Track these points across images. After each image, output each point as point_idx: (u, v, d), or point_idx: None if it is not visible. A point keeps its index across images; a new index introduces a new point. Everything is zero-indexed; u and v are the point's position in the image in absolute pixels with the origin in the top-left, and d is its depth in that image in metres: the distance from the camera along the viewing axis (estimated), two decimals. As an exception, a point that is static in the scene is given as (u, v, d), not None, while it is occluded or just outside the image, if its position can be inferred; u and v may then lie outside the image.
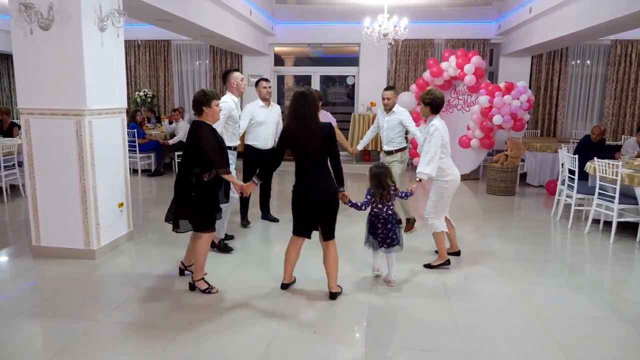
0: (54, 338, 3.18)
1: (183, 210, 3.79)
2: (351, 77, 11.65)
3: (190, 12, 6.73)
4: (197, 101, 3.78)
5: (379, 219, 3.97)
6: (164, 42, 11.55)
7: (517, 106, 8.04)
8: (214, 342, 3.12)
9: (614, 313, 3.60)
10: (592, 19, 6.64)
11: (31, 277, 4.18)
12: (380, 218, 3.95)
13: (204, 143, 3.67)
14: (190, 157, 3.75)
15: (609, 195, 5.41)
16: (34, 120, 4.44)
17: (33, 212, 4.58)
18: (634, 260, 4.86)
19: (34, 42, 4.26)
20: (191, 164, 3.72)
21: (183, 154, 3.93)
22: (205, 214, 3.79)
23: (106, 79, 4.63)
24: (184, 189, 3.76)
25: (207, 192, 3.76)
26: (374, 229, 4.02)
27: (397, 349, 3.14)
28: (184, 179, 3.76)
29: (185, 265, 4.22)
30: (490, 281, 4.20)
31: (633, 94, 10.28)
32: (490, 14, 10.42)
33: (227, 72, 4.85)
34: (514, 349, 3.09)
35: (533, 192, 8.23)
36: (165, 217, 4.00)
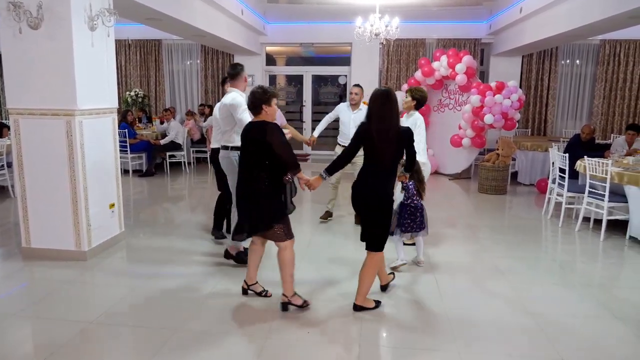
0: (45, 340, 3.15)
1: (258, 221, 3.43)
2: (343, 77, 11.66)
3: (181, 11, 6.70)
4: (257, 99, 3.42)
5: (412, 208, 4.07)
6: (154, 42, 11.49)
7: (508, 105, 8.09)
8: (207, 343, 3.10)
9: (605, 310, 3.64)
10: (581, 19, 6.70)
11: (21, 279, 4.14)
12: (415, 208, 4.09)
13: (280, 145, 3.31)
14: (258, 161, 3.36)
15: (599, 193, 5.46)
16: (24, 120, 4.39)
17: (23, 213, 4.53)
18: (624, 258, 4.91)
19: (23, 42, 4.22)
20: (258, 169, 3.36)
21: (246, 160, 3.45)
22: (283, 221, 3.47)
23: (97, 79, 4.59)
24: (256, 197, 3.39)
25: (277, 198, 3.44)
26: (403, 218, 4.11)
27: (391, 348, 3.14)
28: (251, 187, 3.40)
29: (249, 284, 3.76)
30: (482, 280, 4.21)
31: (622, 93, 10.39)
32: (481, 14, 10.48)
33: (238, 66, 4.47)
34: (506, 347, 3.11)
35: (524, 190, 8.29)
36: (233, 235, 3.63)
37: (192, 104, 11.79)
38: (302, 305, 3.55)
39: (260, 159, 3.36)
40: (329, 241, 5.24)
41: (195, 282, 4.08)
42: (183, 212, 6.69)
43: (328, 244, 5.15)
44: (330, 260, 4.60)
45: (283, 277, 3.52)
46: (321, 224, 5.90)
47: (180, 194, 8.10)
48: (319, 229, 5.73)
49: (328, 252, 4.84)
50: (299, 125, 11.77)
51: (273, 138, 3.30)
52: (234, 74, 4.41)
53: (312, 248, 5.00)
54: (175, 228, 5.71)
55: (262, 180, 3.35)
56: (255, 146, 3.36)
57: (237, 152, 3.98)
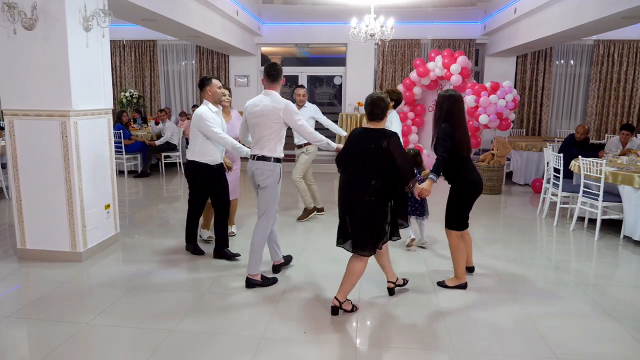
0: (40, 342, 3.14)
1: (367, 231, 3.35)
2: (338, 77, 11.67)
3: (176, 12, 6.69)
4: (383, 108, 3.35)
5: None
6: (149, 42, 11.47)
7: (503, 106, 8.12)
8: (204, 344, 3.10)
9: (600, 309, 3.66)
10: (575, 19, 6.74)
11: (16, 281, 4.12)
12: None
13: (402, 154, 3.31)
14: (376, 170, 3.28)
15: (593, 193, 5.50)
16: (18, 121, 4.38)
17: (18, 214, 4.51)
18: (618, 257, 4.94)
19: (18, 42, 4.20)
20: (374, 178, 3.27)
21: (362, 168, 3.31)
22: (382, 233, 3.40)
23: (92, 80, 4.58)
24: (370, 207, 3.30)
25: (390, 208, 3.41)
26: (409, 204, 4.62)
27: (387, 348, 3.15)
28: (366, 195, 3.28)
29: (341, 301, 3.51)
30: (476, 279, 4.23)
31: (616, 94, 10.46)
32: (476, 15, 10.52)
33: (279, 67, 3.93)
34: (502, 346, 3.12)
35: (519, 190, 8.32)
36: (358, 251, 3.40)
37: (187, 105, 11.76)
38: (352, 310, 3.53)
39: (381, 166, 3.27)
40: (327, 241, 5.23)
41: (190, 283, 4.08)
42: (178, 213, 6.67)
43: (326, 243, 5.14)
44: (330, 260, 4.60)
45: (346, 283, 3.46)
46: (319, 224, 5.90)
47: (175, 194, 8.08)
48: (317, 228, 5.73)
49: (327, 252, 4.85)
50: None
51: (396, 147, 3.27)
52: (276, 74, 3.89)
53: (311, 247, 5.00)
54: (171, 229, 5.69)
55: (379, 189, 3.27)
56: (371, 154, 3.27)
57: (280, 163, 3.88)
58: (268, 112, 3.78)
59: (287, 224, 5.88)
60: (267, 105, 3.79)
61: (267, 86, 3.90)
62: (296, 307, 3.63)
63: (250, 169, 3.89)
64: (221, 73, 11.46)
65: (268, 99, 3.82)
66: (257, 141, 3.86)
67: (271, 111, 3.77)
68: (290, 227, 5.75)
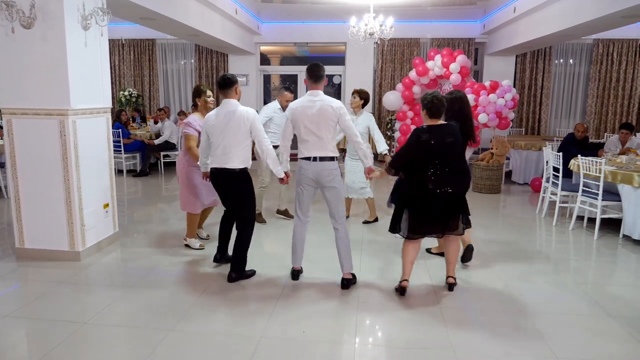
0: (38, 341, 3.13)
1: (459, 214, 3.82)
2: (337, 76, 11.66)
3: (175, 11, 6.68)
4: (442, 107, 3.66)
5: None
6: (148, 41, 11.46)
7: (502, 105, 8.11)
8: (203, 343, 3.10)
9: (599, 308, 3.66)
10: (574, 18, 6.73)
11: (15, 280, 4.12)
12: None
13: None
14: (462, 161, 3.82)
15: (592, 192, 5.49)
16: (17, 120, 4.37)
17: (16, 213, 4.51)
18: (617, 256, 4.94)
19: (16, 41, 4.19)
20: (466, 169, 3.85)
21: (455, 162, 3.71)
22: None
23: (90, 78, 4.57)
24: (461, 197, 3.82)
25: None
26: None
27: (386, 346, 3.14)
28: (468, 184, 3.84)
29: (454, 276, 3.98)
30: (476, 277, 4.23)
31: (615, 93, 10.46)
32: (475, 14, 10.51)
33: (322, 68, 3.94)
34: (501, 345, 3.12)
35: (518, 189, 8.32)
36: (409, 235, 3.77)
37: (186, 104, 11.75)
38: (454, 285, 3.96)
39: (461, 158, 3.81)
40: (326, 241, 5.23)
41: (189, 282, 4.07)
42: (177, 212, 6.66)
43: (325, 243, 5.14)
44: (328, 259, 4.60)
45: (453, 259, 3.97)
46: (318, 224, 5.89)
47: (174, 194, 8.06)
48: (314, 229, 5.72)
49: (325, 252, 4.84)
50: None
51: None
52: (322, 75, 3.92)
53: (309, 247, 4.98)
54: (170, 228, 5.69)
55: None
56: (451, 148, 3.63)
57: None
58: (325, 112, 3.77)
59: (287, 223, 5.88)
60: (325, 106, 3.78)
61: (313, 87, 3.88)
62: (295, 307, 3.62)
63: (315, 171, 3.84)
64: (220, 72, 11.45)
65: (320, 100, 3.82)
66: (315, 142, 3.83)
67: (329, 111, 3.78)
68: (288, 227, 5.74)
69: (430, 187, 3.61)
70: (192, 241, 4.89)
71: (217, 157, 3.95)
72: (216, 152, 3.95)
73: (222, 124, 3.90)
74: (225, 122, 3.89)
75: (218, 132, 3.91)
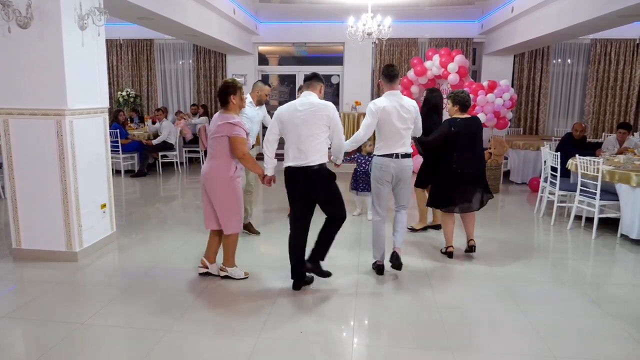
0: (35, 342, 3.12)
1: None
2: (336, 76, 11.65)
3: (173, 11, 6.67)
4: (470, 102, 4.61)
5: (364, 174, 5.80)
6: (146, 41, 11.44)
7: (500, 104, 8.13)
8: (200, 344, 3.09)
9: (597, 307, 3.66)
10: (572, 18, 6.73)
11: (12, 281, 4.10)
12: (366, 173, 5.76)
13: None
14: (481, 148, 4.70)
15: (590, 191, 5.50)
16: (13, 120, 4.35)
17: (13, 214, 4.49)
18: (615, 256, 4.94)
19: (13, 41, 4.18)
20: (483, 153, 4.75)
21: (478, 147, 4.57)
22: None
23: (87, 78, 4.56)
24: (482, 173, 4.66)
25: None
26: (359, 181, 5.89)
27: (385, 346, 3.14)
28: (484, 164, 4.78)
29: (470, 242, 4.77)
30: (474, 277, 4.23)
31: (613, 92, 10.47)
32: (473, 14, 10.51)
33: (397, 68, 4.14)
34: (499, 345, 3.12)
35: (516, 189, 8.33)
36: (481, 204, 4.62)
37: (185, 104, 11.74)
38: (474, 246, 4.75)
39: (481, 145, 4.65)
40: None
41: (186, 283, 4.06)
42: (175, 213, 6.66)
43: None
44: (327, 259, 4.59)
45: (471, 227, 4.77)
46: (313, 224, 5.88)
47: (172, 194, 8.06)
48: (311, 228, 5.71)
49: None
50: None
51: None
52: (397, 74, 4.09)
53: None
54: (168, 229, 5.68)
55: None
56: (474, 137, 4.50)
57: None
58: (409, 111, 4.04)
59: (284, 223, 5.87)
60: (408, 105, 4.06)
61: (389, 87, 4.06)
62: (293, 307, 3.62)
63: (398, 167, 4.03)
64: (218, 72, 11.45)
65: (401, 99, 4.04)
66: (398, 140, 4.01)
67: (412, 110, 4.07)
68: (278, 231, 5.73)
69: (454, 167, 4.43)
70: (235, 271, 4.07)
71: (296, 154, 3.68)
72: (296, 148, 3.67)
73: (302, 117, 3.65)
74: (310, 114, 3.65)
75: (295, 127, 3.65)
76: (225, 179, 3.84)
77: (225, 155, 3.82)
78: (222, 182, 3.84)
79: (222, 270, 4.07)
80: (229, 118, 3.80)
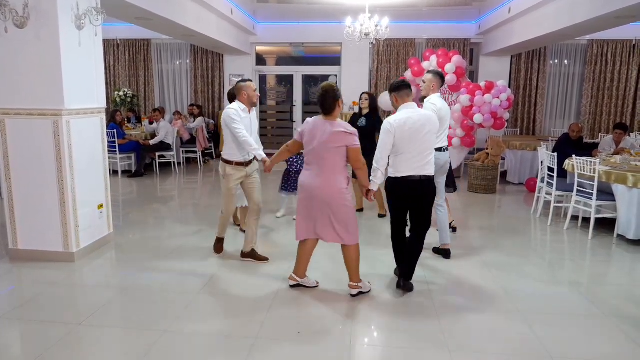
0: (32, 343, 3.11)
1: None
2: (333, 77, 11.66)
3: (171, 11, 6.66)
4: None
5: (295, 174, 5.68)
6: (143, 41, 11.42)
7: (497, 105, 8.13)
8: (197, 344, 3.09)
9: (594, 308, 3.67)
10: (569, 19, 6.76)
11: (9, 282, 4.09)
12: (297, 173, 5.53)
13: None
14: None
15: (587, 192, 5.51)
16: (10, 120, 4.34)
17: (10, 214, 4.48)
18: (612, 256, 4.96)
19: (9, 41, 4.16)
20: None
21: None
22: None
23: (84, 78, 4.55)
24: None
25: None
26: (290, 181, 5.86)
27: (382, 347, 3.14)
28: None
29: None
30: (471, 278, 4.23)
31: (609, 93, 10.50)
32: (470, 14, 10.53)
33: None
34: (496, 345, 3.12)
35: (513, 189, 8.34)
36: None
37: (182, 104, 11.73)
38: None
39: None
40: (319, 242, 5.22)
41: (184, 283, 4.06)
42: (173, 213, 6.65)
43: (318, 244, 5.13)
44: (324, 259, 4.60)
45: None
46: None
47: (170, 194, 8.05)
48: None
49: (321, 251, 4.84)
50: (289, 125, 11.77)
51: None
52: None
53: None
54: (165, 229, 5.67)
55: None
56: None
57: None
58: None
59: (284, 223, 5.88)
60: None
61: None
62: (290, 307, 3.62)
63: (443, 160, 4.60)
64: (216, 72, 11.44)
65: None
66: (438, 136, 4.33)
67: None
68: (286, 227, 5.74)
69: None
70: (365, 285, 3.88)
71: (411, 164, 3.73)
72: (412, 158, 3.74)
73: (416, 127, 3.70)
74: (421, 125, 3.71)
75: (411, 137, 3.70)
76: (345, 191, 3.65)
77: (342, 166, 3.62)
78: (341, 194, 3.62)
79: (354, 287, 3.80)
80: (341, 126, 3.56)
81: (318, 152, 3.57)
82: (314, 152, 3.60)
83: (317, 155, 3.59)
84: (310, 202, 3.67)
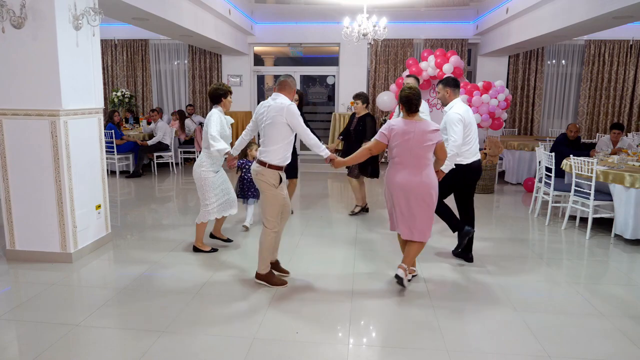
0: (30, 344, 3.10)
1: None
2: (331, 77, 11.66)
3: (168, 11, 6.65)
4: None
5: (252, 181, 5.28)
6: (141, 42, 11.41)
7: (495, 105, 8.16)
8: (195, 345, 3.08)
9: (591, 307, 3.68)
10: (566, 19, 6.77)
11: (6, 282, 4.08)
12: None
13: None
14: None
15: (584, 192, 5.52)
16: (7, 120, 4.33)
17: (7, 215, 4.47)
18: (609, 255, 4.97)
19: (7, 41, 4.16)
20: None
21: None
22: None
23: (82, 79, 4.54)
24: None
25: None
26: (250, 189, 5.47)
27: (380, 347, 3.14)
28: None
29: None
30: (469, 278, 4.24)
31: (607, 93, 10.53)
32: (468, 15, 10.55)
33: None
34: (494, 345, 3.13)
35: (511, 189, 8.36)
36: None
37: (180, 105, 11.71)
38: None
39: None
40: (320, 241, 5.23)
41: (182, 284, 4.05)
42: (171, 213, 6.64)
43: (319, 243, 5.14)
44: (322, 259, 4.60)
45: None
46: (309, 224, 5.89)
47: (167, 195, 8.04)
48: (308, 228, 5.72)
49: (319, 253, 4.84)
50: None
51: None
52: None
53: (301, 248, 4.99)
54: (163, 229, 5.66)
55: None
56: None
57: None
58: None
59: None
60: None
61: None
62: (289, 307, 3.62)
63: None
64: (214, 73, 11.42)
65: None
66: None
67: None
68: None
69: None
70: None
71: (475, 148, 4.42)
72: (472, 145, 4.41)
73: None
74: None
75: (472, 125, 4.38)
76: (436, 187, 3.83)
77: (431, 163, 3.79)
78: (434, 191, 3.79)
79: (410, 272, 4.01)
80: (431, 125, 3.75)
81: (415, 151, 3.71)
82: (410, 152, 3.71)
83: (413, 154, 3.71)
84: (408, 202, 3.78)
